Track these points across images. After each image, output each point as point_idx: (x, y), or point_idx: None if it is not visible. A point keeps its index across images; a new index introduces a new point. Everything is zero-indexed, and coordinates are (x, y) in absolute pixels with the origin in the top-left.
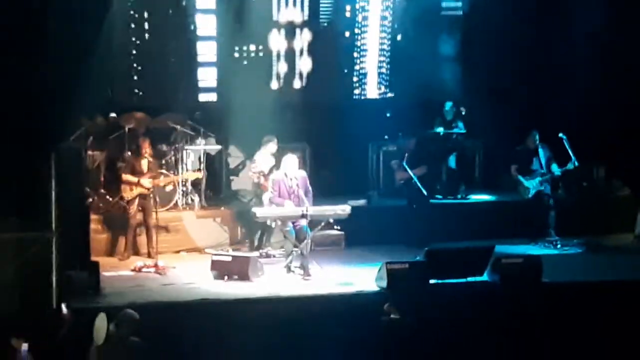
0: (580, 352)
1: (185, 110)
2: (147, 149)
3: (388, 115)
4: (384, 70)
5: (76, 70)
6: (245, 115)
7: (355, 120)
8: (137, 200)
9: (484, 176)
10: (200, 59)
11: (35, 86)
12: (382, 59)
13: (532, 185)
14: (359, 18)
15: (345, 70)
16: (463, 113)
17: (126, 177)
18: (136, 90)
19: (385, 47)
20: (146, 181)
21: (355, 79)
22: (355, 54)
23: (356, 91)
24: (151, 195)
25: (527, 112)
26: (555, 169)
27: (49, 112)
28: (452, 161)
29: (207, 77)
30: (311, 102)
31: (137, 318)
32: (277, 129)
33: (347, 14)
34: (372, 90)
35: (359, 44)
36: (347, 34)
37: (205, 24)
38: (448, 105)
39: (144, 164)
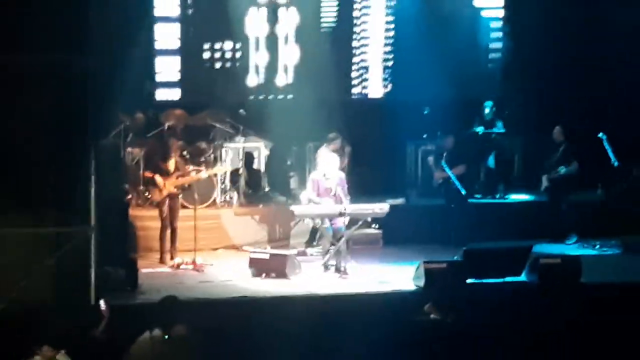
0: (619, 353)
1: (228, 107)
2: (175, 149)
3: (425, 112)
4: (389, 64)
5: (118, 66)
6: (287, 113)
7: (393, 118)
8: (167, 201)
9: (522, 176)
10: (158, 46)
11: (76, 81)
12: (387, 49)
13: (543, 181)
14: None
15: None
16: (505, 112)
17: (147, 175)
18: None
19: (390, 34)
20: (169, 182)
21: (354, 74)
22: (355, 43)
23: (355, 90)
24: (180, 197)
25: (566, 110)
26: (562, 169)
27: (90, 107)
28: (491, 161)
29: (168, 69)
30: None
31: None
32: (318, 127)
33: None
34: (376, 88)
35: (358, 30)
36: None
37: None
38: (488, 105)
39: (171, 164)
